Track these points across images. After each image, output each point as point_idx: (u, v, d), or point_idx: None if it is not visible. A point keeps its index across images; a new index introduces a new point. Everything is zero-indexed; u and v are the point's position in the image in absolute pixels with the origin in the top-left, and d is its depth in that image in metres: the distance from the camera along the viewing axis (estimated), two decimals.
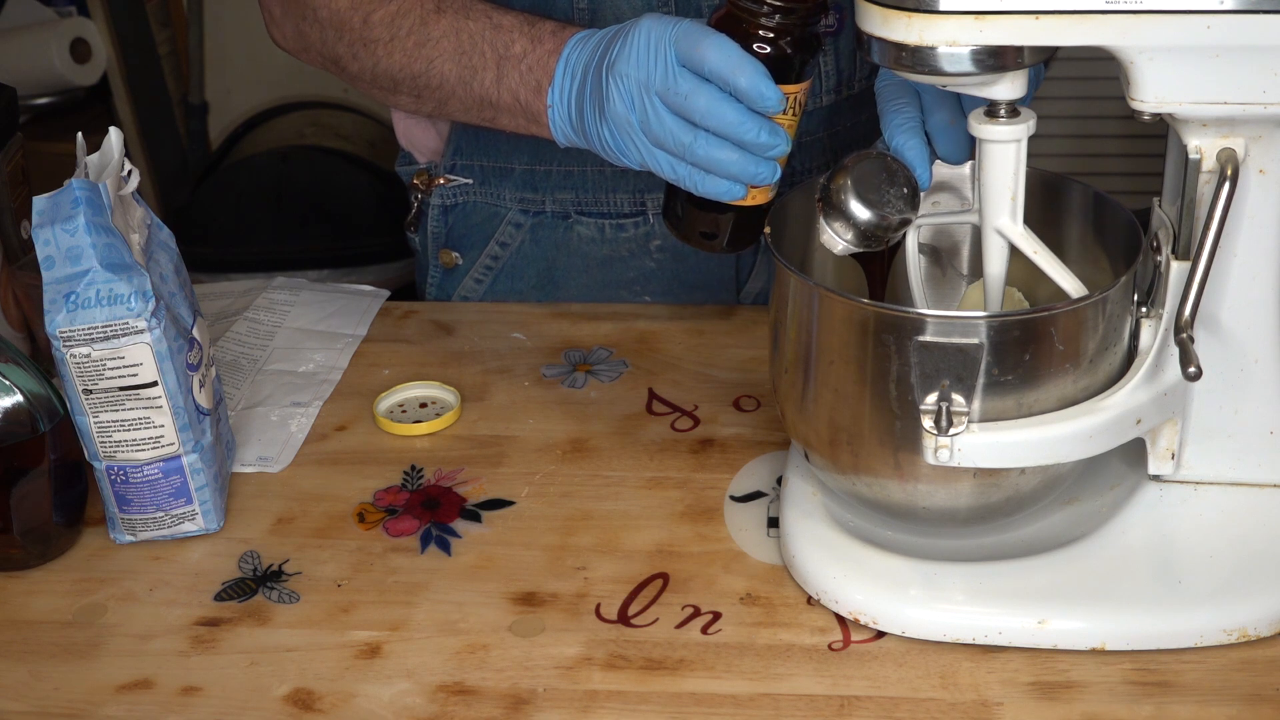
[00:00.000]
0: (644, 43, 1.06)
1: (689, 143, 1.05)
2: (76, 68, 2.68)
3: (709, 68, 1.03)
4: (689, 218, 1.12)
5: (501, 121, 1.20)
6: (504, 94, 1.17)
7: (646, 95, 1.05)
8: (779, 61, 1.03)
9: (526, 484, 1.16)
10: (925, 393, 0.93)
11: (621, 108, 1.07)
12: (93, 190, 1.02)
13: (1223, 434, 1.01)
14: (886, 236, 1.01)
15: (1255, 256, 0.96)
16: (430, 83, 1.21)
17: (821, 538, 1.03)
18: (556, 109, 1.14)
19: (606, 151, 1.11)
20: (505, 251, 1.44)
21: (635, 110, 1.06)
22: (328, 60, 1.28)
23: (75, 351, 1.03)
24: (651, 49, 1.05)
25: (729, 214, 1.10)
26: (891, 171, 1.01)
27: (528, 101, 1.16)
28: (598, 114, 1.09)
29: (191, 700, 0.97)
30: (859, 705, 0.94)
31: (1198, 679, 0.95)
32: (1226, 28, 0.86)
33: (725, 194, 1.07)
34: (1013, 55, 0.90)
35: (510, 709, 0.95)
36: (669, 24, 1.05)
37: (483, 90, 1.18)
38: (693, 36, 1.04)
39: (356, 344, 1.36)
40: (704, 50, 1.03)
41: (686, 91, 1.04)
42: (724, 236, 1.12)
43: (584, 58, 1.12)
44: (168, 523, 1.10)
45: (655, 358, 1.32)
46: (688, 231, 1.13)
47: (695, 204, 1.11)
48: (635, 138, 1.08)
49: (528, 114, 1.16)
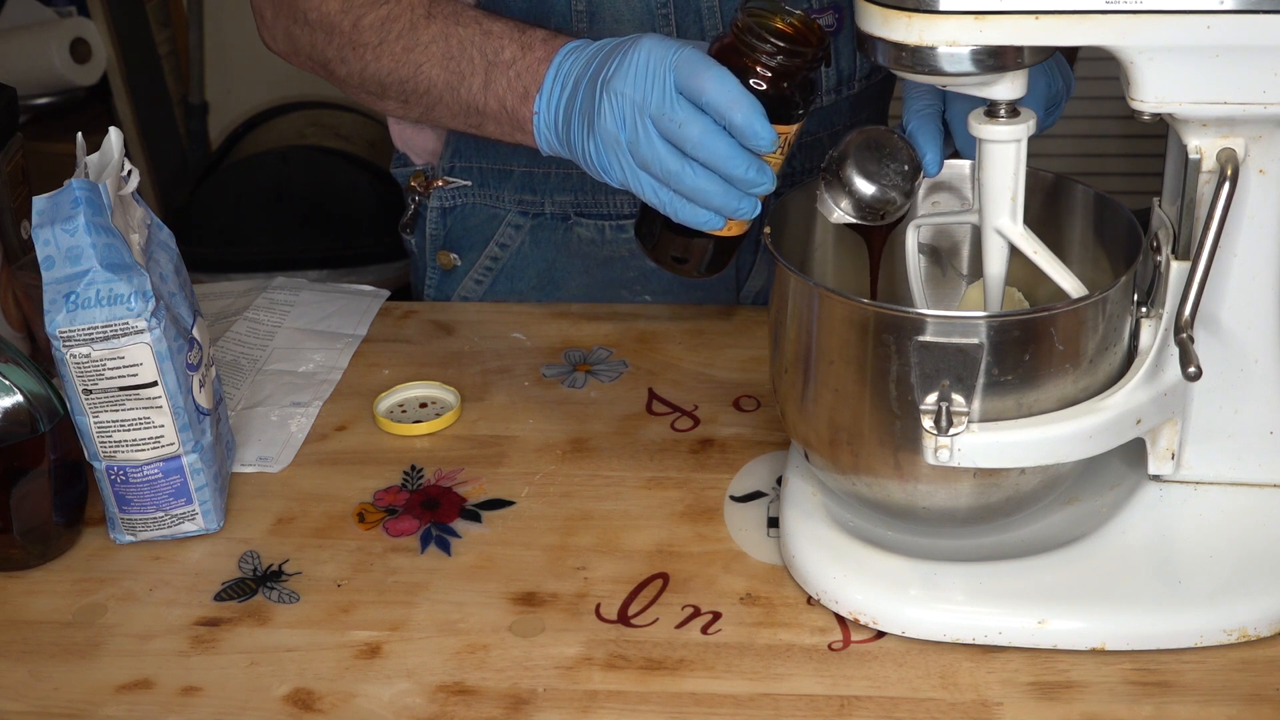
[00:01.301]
0: (643, 63, 1.05)
1: (676, 170, 1.04)
2: (76, 68, 2.68)
3: (707, 99, 1.02)
4: (662, 240, 1.12)
5: (488, 128, 1.19)
6: (490, 100, 1.16)
7: (640, 117, 1.05)
8: (775, 101, 1.03)
9: (526, 484, 1.16)
10: (925, 393, 0.93)
11: (612, 125, 1.06)
12: (93, 190, 1.02)
13: (1223, 434, 1.01)
14: (881, 210, 1.02)
15: (1255, 256, 0.96)
16: (418, 88, 1.21)
17: (821, 538, 1.03)
18: (542, 116, 1.13)
19: (589, 165, 1.10)
20: (505, 253, 1.44)
21: (625, 130, 1.06)
22: (317, 64, 1.28)
23: (75, 351, 1.03)
24: (650, 71, 1.04)
25: (703, 241, 1.10)
26: (895, 149, 1.03)
27: (514, 108, 1.15)
28: (586, 127, 1.09)
29: (191, 700, 0.97)
30: (859, 705, 0.94)
31: (1198, 679, 0.95)
32: (1226, 28, 0.86)
33: (705, 224, 1.06)
34: (1013, 55, 0.90)
35: (510, 709, 0.95)
36: (670, 47, 1.04)
37: (470, 96, 1.18)
38: (693, 65, 1.03)
39: (356, 344, 1.36)
40: (703, 81, 1.02)
41: (681, 119, 1.03)
42: (696, 262, 1.12)
43: (576, 68, 1.11)
44: (168, 523, 1.10)
45: (655, 358, 1.32)
46: (660, 253, 1.13)
47: (670, 228, 1.10)
48: (621, 157, 1.07)
49: (513, 121, 1.16)
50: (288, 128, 2.81)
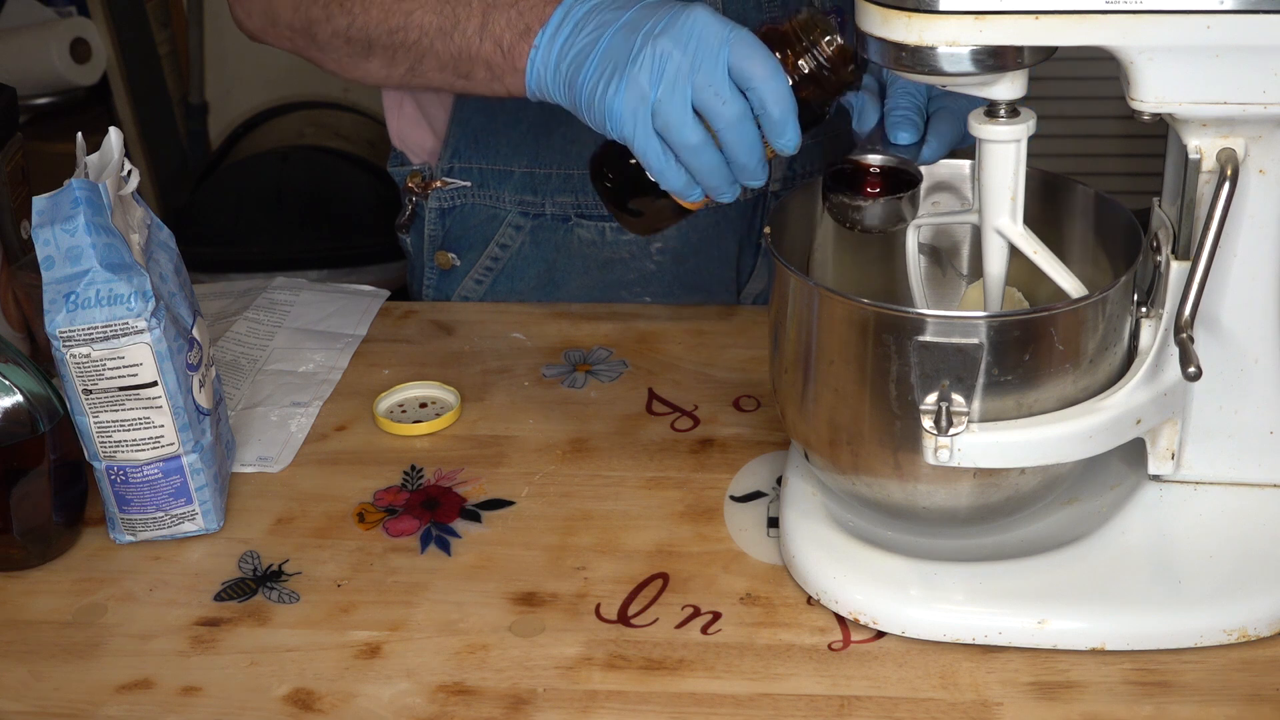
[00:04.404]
0: (698, 31, 1.02)
1: (695, 144, 1.03)
2: (76, 68, 2.68)
3: (755, 84, 1.01)
4: (625, 188, 1.09)
5: (476, 75, 1.15)
6: (485, 43, 1.13)
7: (680, 80, 1.02)
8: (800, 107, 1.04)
9: (526, 484, 1.16)
10: (925, 393, 0.93)
11: (645, 79, 1.02)
12: (93, 190, 1.02)
13: (1223, 434, 1.01)
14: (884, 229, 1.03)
15: (1255, 256, 0.96)
16: (407, 38, 1.17)
17: (821, 538, 1.03)
18: (541, 52, 1.09)
19: (592, 109, 1.06)
20: (505, 253, 1.44)
21: (660, 87, 1.02)
22: (297, 31, 1.23)
23: (75, 351, 1.03)
24: (704, 40, 1.02)
25: (668, 205, 1.08)
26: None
27: (511, 45, 1.11)
28: (610, 72, 1.04)
29: (191, 700, 0.97)
30: (859, 705, 0.94)
31: (1198, 679, 0.95)
32: (1226, 28, 0.86)
33: (683, 193, 1.05)
34: (1013, 55, 0.90)
35: (510, 709, 0.95)
36: (725, 24, 1.02)
37: (463, 41, 1.14)
38: (750, 47, 1.01)
39: (356, 344, 1.36)
40: (757, 66, 1.01)
41: (727, 97, 1.01)
42: (649, 222, 1.10)
43: (596, 14, 1.07)
44: (168, 523, 1.10)
45: (655, 358, 1.32)
46: (617, 199, 1.10)
47: (639, 181, 1.07)
48: (641, 112, 1.03)
49: (508, 60, 1.12)
50: (287, 128, 2.81)
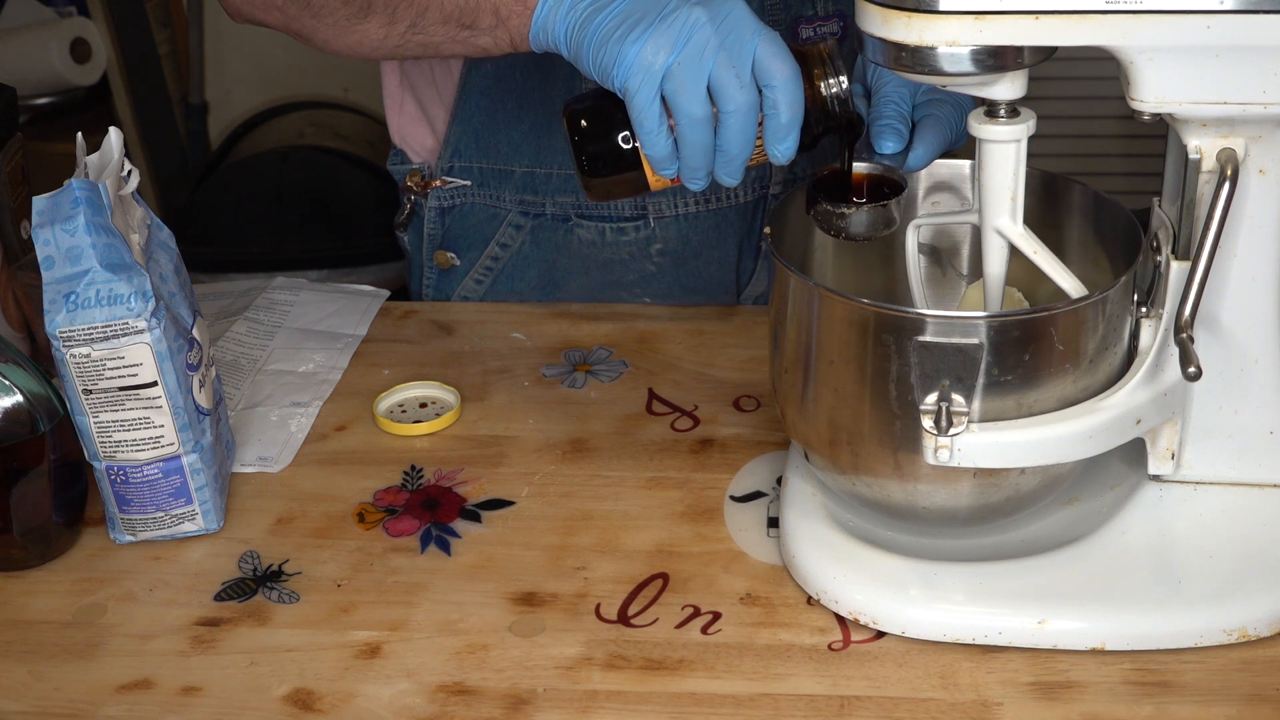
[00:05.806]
0: (737, 16, 1.01)
1: (698, 118, 1.01)
2: (76, 68, 2.68)
3: (774, 83, 1.00)
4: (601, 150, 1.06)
5: (481, 23, 1.11)
6: None
7: (706, 50, 1.00)
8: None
9: (526, 484, 1.16)
10: (925, 393, 0.93)
11: (670, 38, 1.00)
12: (93, 190, 1.02)
13: (1223, 434, 1.01)
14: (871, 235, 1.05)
15: (1255, 256, 0.96)
16: None
17: (821, 538, 1.03)
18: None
19: (600, 51, 1.03)
20: (505, 253, 1.44)
21: (684, 52, 1.00)
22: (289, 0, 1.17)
23: (75, 351, 1.03)
24: (738, 25, 1.01)
25: (636, 176, 1.06)
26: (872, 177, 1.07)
27: None
28: (636, 22, 1.01)
29: (191, 700, 0.97)
30: (859, 705, 0.94)
31: (1198, 679, 0.95)
32: (1226, 28, 0.86)
33: (662, 164, 1.03)
34: (1013, 55, 0.90)
35: (510, 709, 0.95)
36: (759, 21, 1.02)
37: None
38: (779, 47, 1.01)
39: (356, 344, 1.36)
40: (780, 65, 1.00)
41: (745, 83, 1.00)
42: (611, 187, 1.07)
43: None
44: (168, 523, 1.10)
45: (655, 358, 1.32)
46: (591, 156, 1.06)
47: (617, 148, 1.05)
48: (652, 72, 1.01)
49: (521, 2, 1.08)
50: (287, 128, 2.81)
